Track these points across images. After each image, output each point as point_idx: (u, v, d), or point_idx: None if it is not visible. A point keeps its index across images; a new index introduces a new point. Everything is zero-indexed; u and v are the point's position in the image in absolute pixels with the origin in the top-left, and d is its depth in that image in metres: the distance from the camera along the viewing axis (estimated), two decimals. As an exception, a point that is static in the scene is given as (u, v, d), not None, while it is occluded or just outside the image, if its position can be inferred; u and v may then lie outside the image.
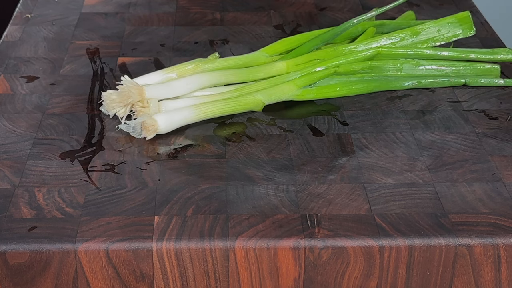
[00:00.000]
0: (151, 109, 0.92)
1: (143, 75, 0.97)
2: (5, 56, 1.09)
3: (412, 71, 1.01)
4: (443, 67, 1.02)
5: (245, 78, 0.98)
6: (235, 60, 1.00)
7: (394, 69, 1.01)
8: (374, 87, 1.00)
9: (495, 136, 0.92)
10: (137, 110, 0.92)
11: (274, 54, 1.02)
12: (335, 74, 0.98)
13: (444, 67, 1.02)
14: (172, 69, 0.97)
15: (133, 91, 0.92)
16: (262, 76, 0.98)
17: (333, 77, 0.98)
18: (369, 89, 0.99)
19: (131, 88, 0.92)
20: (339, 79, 0.99)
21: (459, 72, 1.02)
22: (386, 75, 1.01)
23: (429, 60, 1.02)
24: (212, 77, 0.96)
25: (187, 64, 0.98)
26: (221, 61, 0.99)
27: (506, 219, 0.79)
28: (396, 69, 1.01)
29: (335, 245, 0.76)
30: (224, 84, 0.97)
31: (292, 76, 0.98)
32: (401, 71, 1.01)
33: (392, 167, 0.87)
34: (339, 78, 0.99)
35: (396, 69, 1.01)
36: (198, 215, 0.79)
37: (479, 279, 0.78)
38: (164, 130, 0.91)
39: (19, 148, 0.89)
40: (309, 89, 0.96)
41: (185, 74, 0.97)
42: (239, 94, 0.95)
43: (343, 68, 0.98)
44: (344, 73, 0.99)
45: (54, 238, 0.76)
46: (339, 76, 0.99)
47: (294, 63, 0.99)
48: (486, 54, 1.04)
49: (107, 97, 0.93)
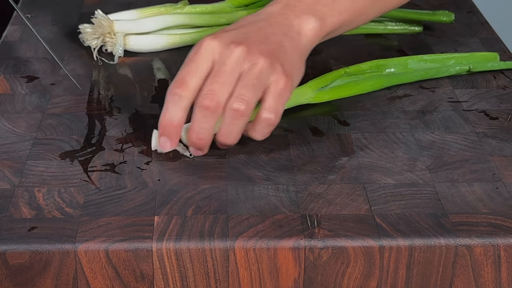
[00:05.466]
0: (117, 40, 1.07)
1: (116, 12, 1.10)
2: (5, 56, 1.09)
3: (417, 66, 1.05)
4: (445, 59, 1.07)
5: (208, 22, 1.12)
6: (202, 8, 1.13)
7: (399, 65, 1.05)
8: (385, 82, 1.02)
9: (495, 136, 0.92)
10: (106, 41, 1.07)
11: (239, 6, 1.15)
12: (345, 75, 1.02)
13: (446, 59, 1.07)
14: (143, 10, 1.11)
15: (104, 23, 1.07)
16: (224, 21, 1.12)
17: (343, 78, 1.02)
18: (380, 84, 1.01)
19: (102, 21, 1.07)
20: (349, 79, 1.02)
21: (462, 62, 1.06)
22: (393, 72, 1.05)
23: (431, 55, 1.07)
24: (177, 18, 1.10)
25: (158, 7, 1.11)
26: (190, 8, 1.12)
27: (506, 219, 0.79)
28: (402, 66, 1.05)
29: (335, 245, 0.76)
30: (189, 26, 1.12)
31: None
32: (407, 67, 1.05)
33: (392, 167, 0.86)
34: (348, 78, 1.02)
35: (402, 66, 1.05)
36: (198, 215, 0.79)
37: (479, 279, 0.78)
38: (134, 46, 1.08)
39: (19, 148, 0.89)
40: (324, 91, 0.98)
41: (155, 15, 1.10)
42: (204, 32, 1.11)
43: (352, 69, 1.02)
44: (353, 74, 1.02)
45: (54, 238, 0.76)
46: (348, 77, 1.02)
47: None
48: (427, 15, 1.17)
49: (83, 29, 1.09)
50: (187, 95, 0.83)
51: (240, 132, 0.85)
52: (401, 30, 1.17)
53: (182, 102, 0.84)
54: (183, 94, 0.83)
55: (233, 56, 0.84)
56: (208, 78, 0.84)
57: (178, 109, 0.84)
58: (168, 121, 0.84)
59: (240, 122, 0.84)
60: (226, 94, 0.83)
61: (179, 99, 0.83)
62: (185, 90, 0.83)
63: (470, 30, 1.17)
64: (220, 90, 0.83)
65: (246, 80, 0.84)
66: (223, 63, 0.84)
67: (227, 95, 0.83)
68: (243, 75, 0.84)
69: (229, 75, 0.83)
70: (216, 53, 0.84)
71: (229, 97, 0.83)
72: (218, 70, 0.84)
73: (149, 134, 0.92)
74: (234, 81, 0.83)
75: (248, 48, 0.84)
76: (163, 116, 0.85)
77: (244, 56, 0.84)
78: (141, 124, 0.94)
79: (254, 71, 0.84)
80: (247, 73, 0.84)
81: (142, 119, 0.95)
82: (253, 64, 0.84)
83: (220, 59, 0.84)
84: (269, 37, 0.87)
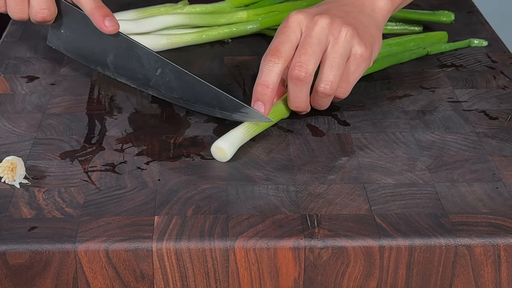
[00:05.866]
0: None
1: (116, 12, 1.08)
2: (5, 56, 1.09)
3: (384, 50, 1.08)
4: (406, 41, 1.11)
5: (208, 22, 1.12)
6: (201, 8, 1.14)
7: None
8: None
9: (495, 136, 0.92)
10: None
11: (238, 6, 1.15)
12: None
13: (407, 41, 1.11)
14: (143, 10, 1.11)
15: None
16: (224, 22, 1.13)
17: None
18: None
19: None
20: None
21: (420, 43, 1.11)
22: None
23: (395, 39, 1.10)
24: (177, 18, 1.10)
25: (158, 7, 1.11)
26: (189, 8, 1.13)
27: (506, 219, 0.79)
28: None
29: (335, 245, 0.76)
30: (189, 26, 1.12)
31: (252, 24, 1.13)
32: None
33: (392, 167, 0.86)
34: None
35: None
36: (198, 215, 0.79)
37: (479, 279, 0.78)
38: None
39: (19, 148, 0.89)
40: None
41: (155, 15, 1.10)
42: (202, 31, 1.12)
43: None
44: None
45: (54, 238, 0.76)
46: None
47: (255, 13, 1.14)
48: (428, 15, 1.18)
49: None
50: (281, 61, 0.91)
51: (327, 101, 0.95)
52: (401, 30, 1.17)
53: (277, 68, 0.91)
54: (277, 61, 0.91)
55: (318, 27, 0.92)
56: (297, 50, 0.92)
57: (273, 74, 0.91)
58: (263, 86, 0.91)
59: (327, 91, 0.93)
60: (314, 63, 0.91)
61: (274, 65, 0.91)
62: (278, 57, 0.91)
63: (470, 30, 1.17)
64: (308, 61, 0.91)
65: (332, 55, 0.91)
66: (309, 35, 0.92)
67: (315, 64, 0.91)
68: (329, 48, 0.92)
69: (316, 46, 0.91)
70: (303, 25, 0.92)
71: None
72: (304, 42, 0.92)
73: (149, 134, 0.92)
74: (321, 50, 0.91)
75: (331, 19, 0.92)
76: (258, 81, 0.91)
77: (327, 26, 0.92)
78: (141, 124, 0.94)
79: (337, 47, 0.91)
80: (333, 46, 0.92)
81: (142, 119, 0.95)
82: (336, 37, 0.92)
83: (306, 30, 0.92)
84: (348, 13, 0.95)
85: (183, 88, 0.94)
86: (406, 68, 1.07)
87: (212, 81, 0.93)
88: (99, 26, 0.96)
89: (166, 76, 0.95)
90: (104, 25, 0.96)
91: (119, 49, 0.97)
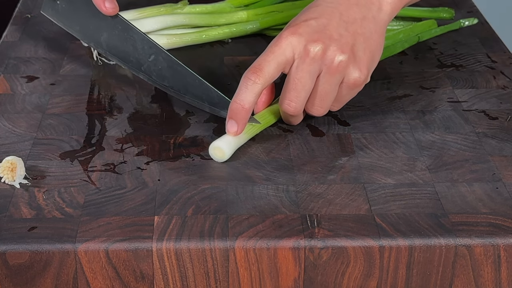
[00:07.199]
0: None
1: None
2: (5, 56, 1.09)
3: None
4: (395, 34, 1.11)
5: (208, 22, 1.12)
6: (201, 8, 1.13)
7: None
8: None
9: (495, 136, 0.92)
10: None
11: (238, 6, 1.15)
12: None
13: (397, 34, 1.11)
14: (143, 10, 1.10)
15: None
16: (224, 21, 1.13)
17: None
18: None
19: None
20: None
21: (409, 34, 1.11)
22: None
23: (388, 31, 1.11)
24: (177, 18, 1.10)
25: (158, 7, 1.11)
26: (189, 8, 1.13)
27: (506, 219, 0.79)
28: None
29: (335, 245, 0.76)
30: (189, 26, 1.11)
31: (252, 24, 1.13)
32: None
33: (392, 167, 0.86)
34: None
35: None
36: (198, 215, 0.79)
37: (479, 279, 0.78)
38: None
39: (19, 148, 0.89)
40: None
41: (155, 15, 1.10)
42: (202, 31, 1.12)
43: None
44: None
45: (54, 238, 0.76)
46: None
47: (255, 13, 1.14)
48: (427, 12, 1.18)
49: None
50: (260, 81, 0.87)
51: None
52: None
53: (255, 88, 0.87)
54: (257, 80, 0.86)
55: (309, 58, 0.87)
56: (286, 81, 0.89)
57: (250, 94, 0.86)
58: (238, 105, 0.87)
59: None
60: (304, 97, 0.89)
61: (252, 85, 0.86)
62: (259, 77, 0.86)
63: (470, 30, 1.17)
64: (298, 97, 0.88)
65: (323, 85, 0.89)
66: (300, 68, 0.88)
67: (305, 100, 0.89)
68: (321, 77, 0.88)
69: (306, 80, 0.88)
70: (296, 51, 0.88)
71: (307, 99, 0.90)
72: (295, 75, 0.88)
73: (149, 134, 0.92)
74: (312, 81, 0.88)
75: (325, 46, 0.88)
76: (235, 98, 0.87)
77: (320, 57, 0.87)
78: (141, 124, 0.94)
79: (328, 76, 0.88)
80: (325, 76, 0.88)
81: (142, 119, 0.95)
82: (329, 67, 0.88)
83: (298, 59, 0.88)
84: (349, 25, 0.90)
85: (174, 78, 0.94)
86: (406, 68, 1.07)
87: (212, 81, 0.93)
88: (99, 6, 0.94)
89: (158, 64, 0.94)
90: (103, 5, 0.94)
91: (115, 29, 0.96)
